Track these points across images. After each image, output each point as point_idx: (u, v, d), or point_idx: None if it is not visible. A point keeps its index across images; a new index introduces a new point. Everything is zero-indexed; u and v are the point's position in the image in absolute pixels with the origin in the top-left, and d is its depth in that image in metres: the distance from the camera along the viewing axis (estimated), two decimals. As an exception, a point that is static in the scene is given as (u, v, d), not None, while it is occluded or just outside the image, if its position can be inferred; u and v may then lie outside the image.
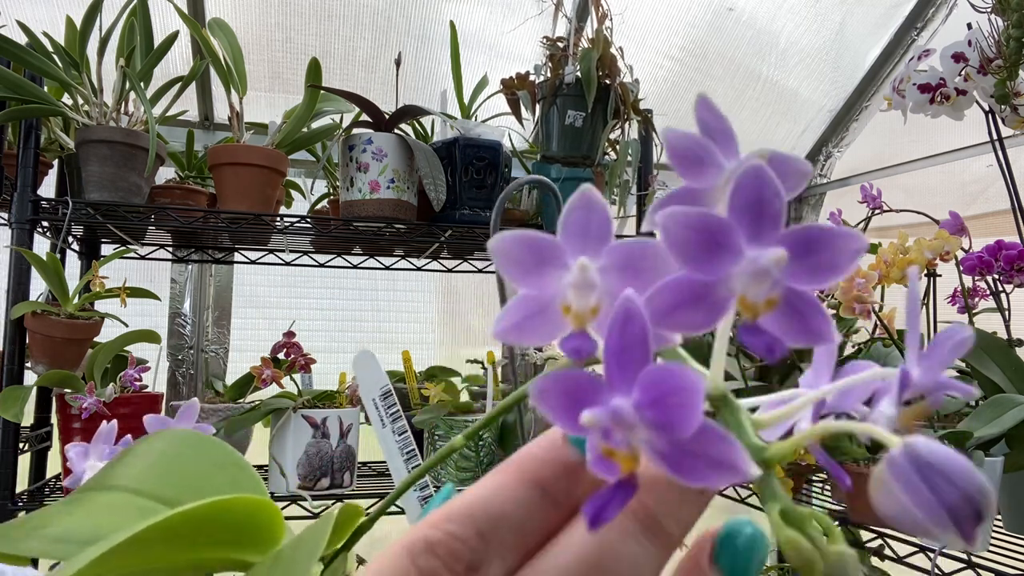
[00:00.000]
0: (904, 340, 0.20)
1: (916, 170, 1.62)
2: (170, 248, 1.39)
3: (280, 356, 1.23)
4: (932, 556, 0.77)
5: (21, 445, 1.04)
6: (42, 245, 1.09)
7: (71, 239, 1.25)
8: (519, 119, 1.23)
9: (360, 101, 1.13)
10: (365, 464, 1.30)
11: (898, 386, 0.19)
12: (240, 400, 1.26)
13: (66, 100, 1.10)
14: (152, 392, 1.11)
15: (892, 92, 0.97)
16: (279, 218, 1.17)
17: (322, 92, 1.18)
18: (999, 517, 0.87)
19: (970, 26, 0.89)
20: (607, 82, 1.13)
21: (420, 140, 1.21)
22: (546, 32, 1.21)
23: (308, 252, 1.36)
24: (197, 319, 1.57)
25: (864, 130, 1.79)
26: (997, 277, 0.90)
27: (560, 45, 1.15)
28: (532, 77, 1.18)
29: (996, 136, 0.92)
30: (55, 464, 1.23)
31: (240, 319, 1.62)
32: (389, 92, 1.29)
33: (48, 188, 1.21)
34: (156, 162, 1.06)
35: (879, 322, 0.91)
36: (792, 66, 1.72)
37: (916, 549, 0.83)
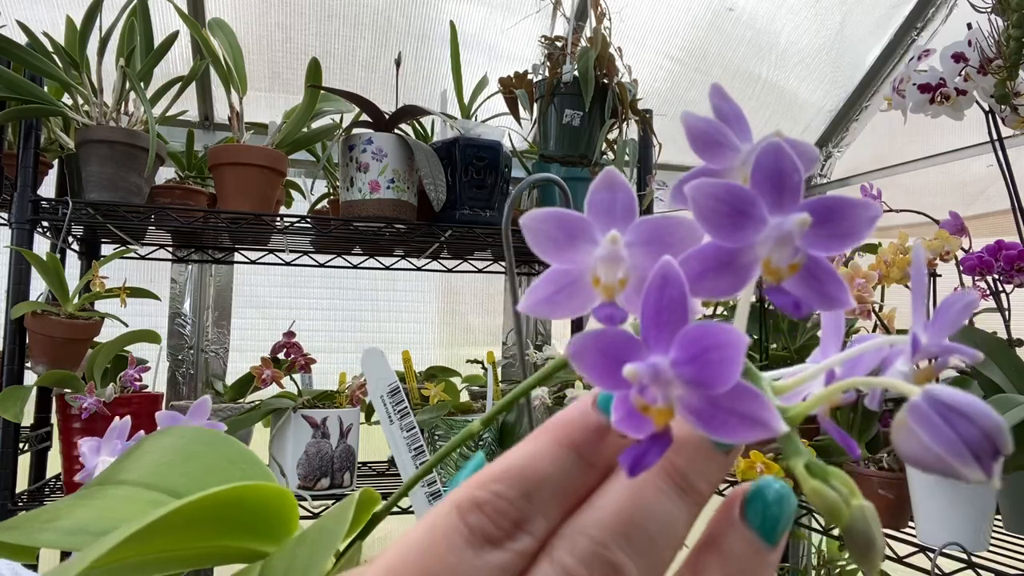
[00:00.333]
0: (911, 309, 0.21)
1: (916, 170, 1.63)
2: (170, 248, 1.39)
3: (280, 356, 1.23)
4: (932, 556, 0.77)
5: (21, 445, 1.04)
6: (42, 245, 1.09)
7: (71, 239, 1.25)
8: (517, 118, 1.23)
9: (360, 101, 1.13)
10: (365, 464, 1.30)
11: (911, 345, 0.20)
12: (240, 400, 1.26)
13: (66, 100, 1.10)
14: (152, 392, 1.11)
15: (892, 92, 0.97)
16: (279, 218, 1.17)
17: (322, 92, 1.18)
18: (999, 517, 0.87)
19: (970, 26, 0.89)
20: (605, 82, 1.13)
21: (420, 140, 1.21)
22: (545, 32, 1.21)
23: (308, 252, 1.36)
24: (197, 319, 1.57)
25: (864, 130, 1.79)
26: (997, 277, 0.90)
27: (558, 44, 1.15)
28: (530, 76, 1.18)
29: (996, 136, 0.92)
30: (55, 464, 1.23)
31: (240, 319, 1.62)
32: (389, 92, 1.29)
33: (48, 188, 1.21)
34: (156, 162, 1.06)
35: (879, 322, 0.91)
36: (792, 66, 1.72)
37: (916, 549, 0.83)
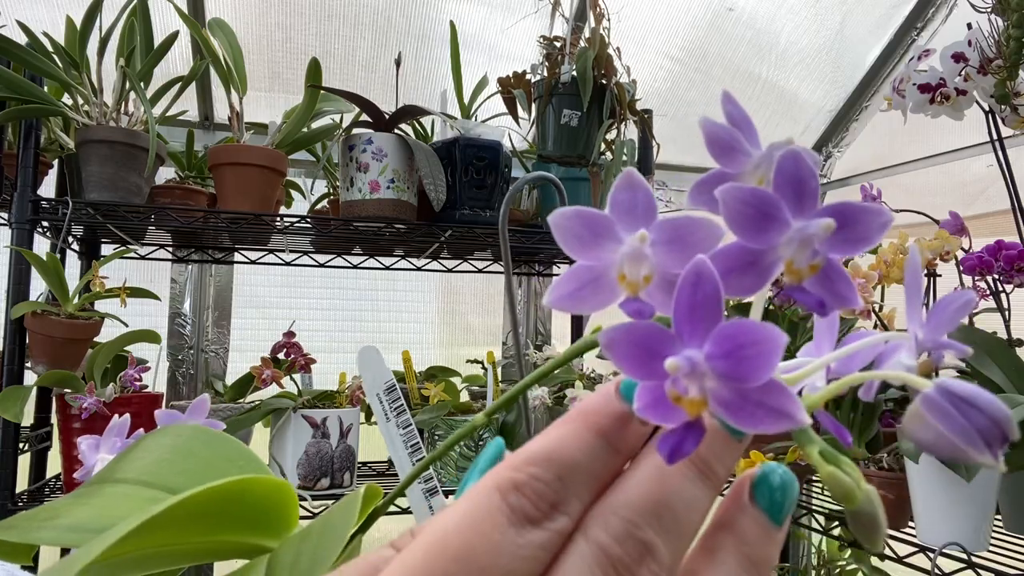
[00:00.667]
0: (906, 307, 0.22)
1: (916, 170, 1.63)
2: (170, 248, 1.39)
3: (280, 356, 1.23)
4: (932, 556, 0.77)
5: (21, 445, 1.04)
6: (42, 245, 1.09)
7: (71, 239, 1.25)
8: (515, 118, 1.23)
9: (360, 101, 1.13)
10: (365, 464, 1.30)
11: (914, 341, 0.21)
12: (240, 400, 1.26)
13: (66, 100, 1.10)
14: (152, 392, 1.11)
15: (892, 92, 0.97)
16: (279, 218, 1.17)
17: (322, 92, 1.18)
18: (999, 517, 0.87)
19: (970, 26, 0.89)
20: (603, 82, 1.13)
21: (420, 140, 1.21)
22: (545, 32, 1.21)
23: (308, 252, 1.36)
24: (197, 319, 1.57)
25: (864, 130, 1.79)
26: (997, 277, 0.90)
27: (557, 44, 1.15)
28: (528, 76, 1.18)
29: (996, 136, 0.92)
30: (55, 464, 1.23)
31: (240, 319, 1.62)
32: (389, 92, 1.29)
33: (48, 188, 1.21)
34: (156, 162, 1.06)
35: (879, 322, 0.91)
36: (792, 66, 1.72)
37: (916, 549, 0.83)
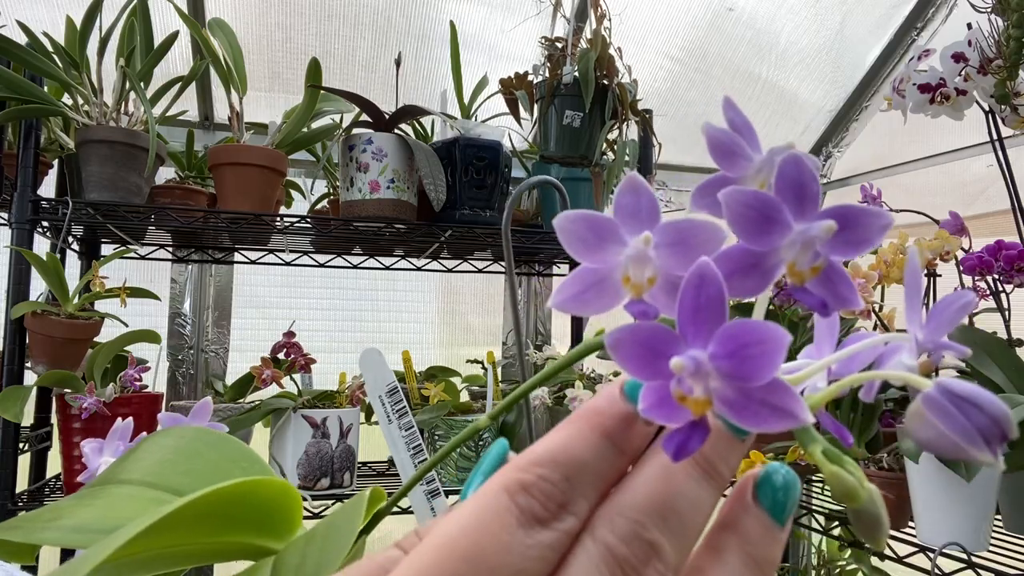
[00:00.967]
0: (905, 307, 0.22)
1: (916, 170, 1.63)
2: (170, 248, 1.39)
3: (280, 356, 1.23)
4: (932, 556, 0.77)
5: (21, 445, 1.04)
6: (42, 245, 1.09)
7: (71, 239, 1.25)
8: (517, 119, 1.23)
9: (360, 101, 1.13)
10: (365, 464, 1.30)
11: (914, 342, 0.22)
12: (240, 400, 1.26)
13: (66, 100, 1.10)
14: (152, 392, 1.11)
15: (892, 92, 0.97)
16: (279, 218, 1.17)
17: (322, 92, 1.18)
18: (999, 517, 0.87)
19: (970, 26, 0.89)
20: (605, 82, 1.13)
21: (420, 140, 1.21)
22: (546, 32, 1.21)
23: (308, 252, 1.36)
24: (197, 319, 1.57)
25: (864, 130, 1.79)
26: (997, 277, 0.90)
27: (559, 45, 1.15)
28: (530, 77, 1.18)
29: (996, 136, 0.92)
30: (55, 464, 1.23)
31: (240, 319, 1.62)
32: (389, 92, 1.29)
33: (48, 188, 1.21)
34: (156, 162, 1.06)
35: (879, 322, 0.91)
36: (792, 66, 1.72)
37: (916, 549, 0.83)
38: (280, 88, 1.62)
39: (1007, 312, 0.92)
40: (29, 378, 1.05)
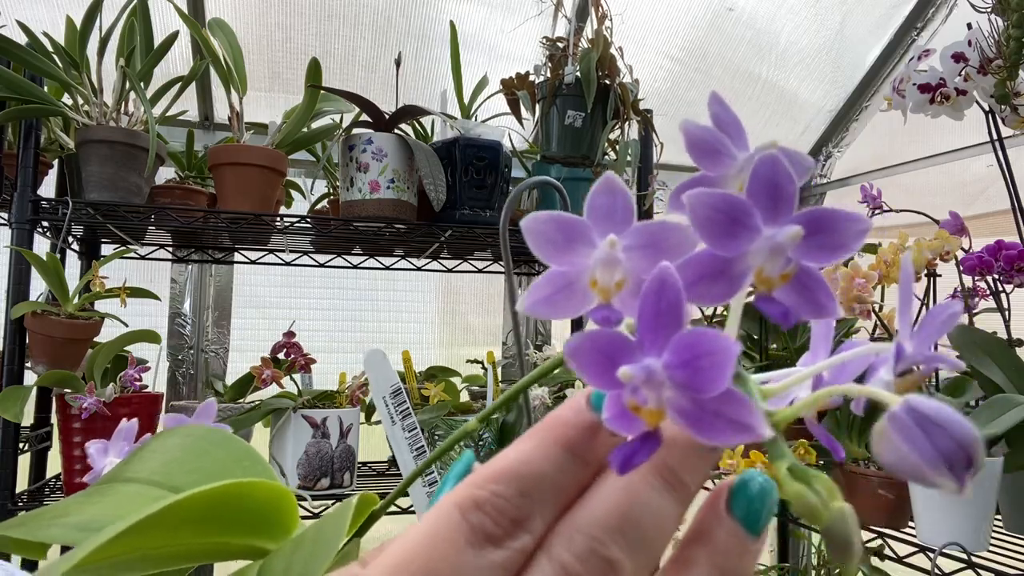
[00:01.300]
0: (897, 316, 0.21)
1: (916, 170, 1.63)
2: (170, 248, 1.39)
3: (280, 356, 1.23)
4: (932, 556, 0.77)
5: (21, 445, 1.04)
6: (42, 245, 1.09)
7: (71, 239, 1.25)
8: (519, 119, 1.23)
9: (360, 101, 1.13)
10: (365, 464, 1.30)
11: (894, 356, 0.20)
12: (240, 400, 1.26)
13: (66, 100, 1.10)
14: (152, 392, 1.11)
15: (892, 92, 0.97)
16: (279, 218, 1.17)
17: (322, 92, 1.18)
18: (999, 517, 0.87)
19: (970, 26, 0.89)
20: (607, 82, 1.13)
21: (420, 140, 1.21)
22: (546, 32, 1.21)
23: (308, 252, 1.36)
24: (197, 319, 1.57)
25: (864, 130, 1.79)
26: (997, 277, 0.90)
27: (560, 45, 1.15)
28: (532, 77, 1.18)
29: (996, 136, 0.92)
30: (55, 464, 1.23)
31: (240, 319, 1.62)
32: (389, 92, 1.29)
33: (48, 188, 1.21)
34: (156, 162, 1.06)
35: (879, 322, 0.91)
36: (792, 66, 1.72)
37: (916, 549, 0.83)
38: (280, 88, 1.62)
39: (1007, 312, 0.92)
40: (29, 378, 1.05)
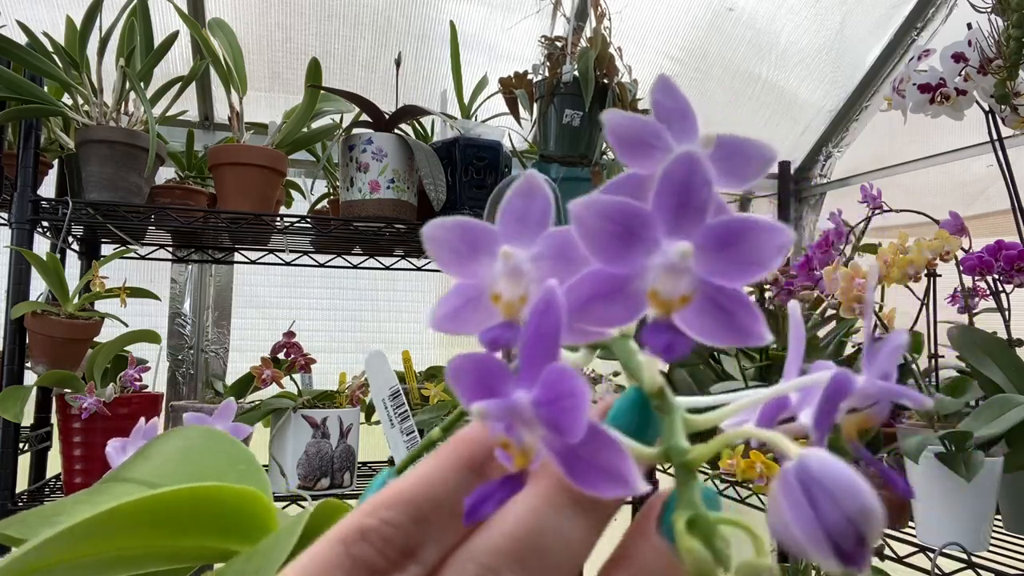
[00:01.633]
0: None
1: (916, 170, 1.62)
2: (170, 248, 1.39)
3: (280, 356, 1.23)
4: (932, 556, 0.77)
5: (21, 445, 1.04)
6: (42, 245, 1.09)
7: (71, 239, 1.25)
8: (517, 119, 1.23)
9: (360, 101, 1.13)
10: (365, 464, 1.30)
11: (825, 393, 0.17)
12: (240, 400, 1.26)
13: (66, 100, 1.10)
14: (152, 392, 1.11)
15: (892, 92, 0.97)
16: (279, 218, 1.17)
17: (322, 92, 1.18)
18: (999, 517, 0.87)
19: (970, 26, 0.89)
20: (605, 82, 1.13)
21: (420, 140, 1.21)
22: (546, 32, 1.21)
23: (308, 252, 1.36)
24: (197, 319, 1.57)
25: (864, 130, 1.79)
26: (997, 277, 0.90)
27: (558, 44, 1.15)
28: (530, 76, 1.18)
29: (996, 136, 0.92)
30: (55, 464, 1.23)
31: (240, 319, 1.62)
32: (389, 92, 1.29)
33: (48, 188, 1.21)
34: (156, 162, 1.06)
35: (879, 322, 0.91)
36: (792, 66, 1.72)
37: (916, 549, 0.83)
38: (280, 88, 1.62)
39: (1007, 312, 0.92)
40: (29, 378, 1.05)
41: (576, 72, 1.10)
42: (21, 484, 1.06)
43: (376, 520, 0.17)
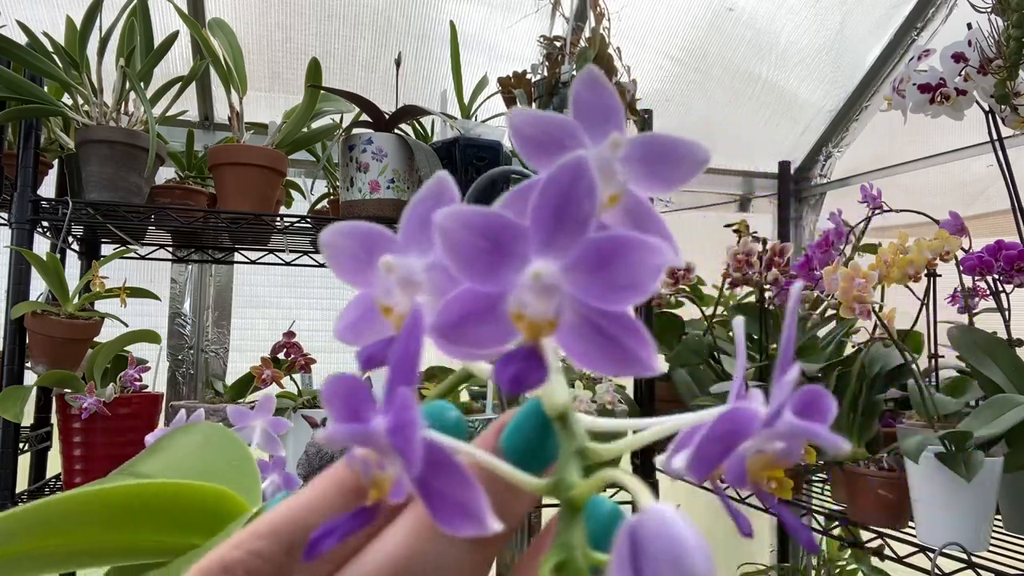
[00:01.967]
0: (775, 367, 0.16)
1: (916, 170, 1.63)
2: (170, 248, 1.39)
3: (280, 356, 1.23)
4: (932, 556, 0.77)
5: (21, 445, 1.04)
6: (42, 245, 1.09)
7: (71, 239, 1.25)
8: (518, 119, 1.23)
9: (360, 101, 1.13)
10: (365, 464, 1.30)
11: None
12: (240, 400, 1.26)
13: (66, 100, 1.10)
14: (152, 392, 1.11)
15: (892, 92, 0.97)
16: (279, 218, 1.17)
17: (322, 92, 1.18)
18: (999, 517, 0.87)
19: (970, 26, 0.89)
20: (607, 82, 1.13)
21: (420, 140, 1.21)
22: (545, 31, 1.21)
23: (308, 252, 1.36)
24: (197, 319, 1.57)
25: (864, 130, 1.79)
26: (997, 277, 0.90)
27: (557, 44, 1.15)
28: (529, 76, 1.18)
29: (996, 136, 0.92)
30: (55, 464, 1.23)
31: (240, 319, 1.62)
32: (389, 92, 1.29)
33: (48, 188, 1.21)
34: (156, 162, 1.06)
35: (879, 322, 0.91)
36: (792, 66, 1.72)
37: (916, 549, 0.83)
38: (280, 88, 1.62)
39: (1007, 312, 0.92)
40: (29, 378, 1.05)
41: (575, 72, 1.10)
42: (21, 484, 1.06)
43: (242, 552, 0.16)
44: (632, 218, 0.18)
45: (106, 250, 1.37)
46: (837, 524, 0.98)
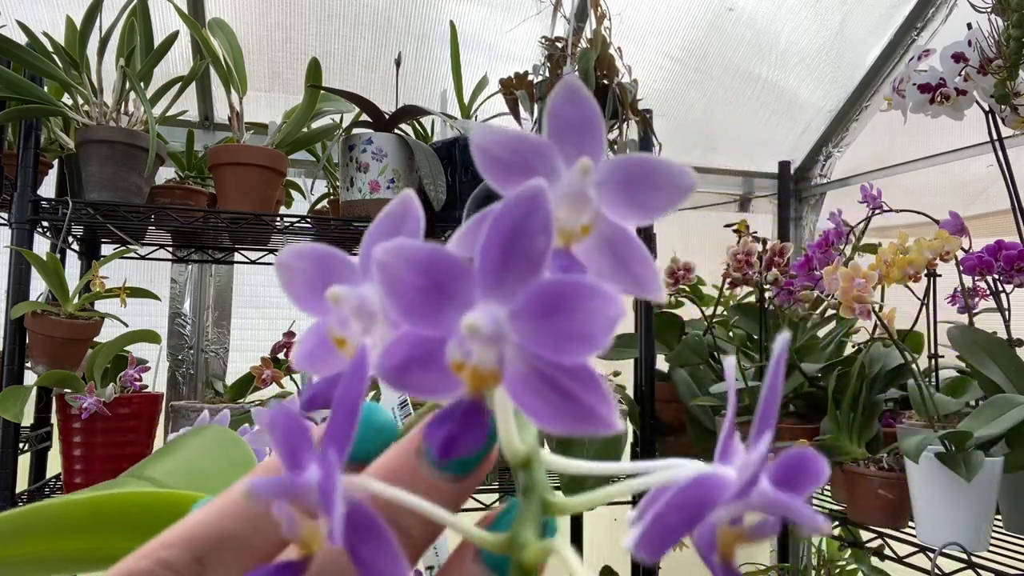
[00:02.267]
0: (753, 421, 0.14)
1: (916, 170, 1.63)
2: (170, 248, 1.39)
3: (280, 356, 1.23)
4: (932, 556, 0.77)
5: (21, 445, 1.04)
6: (42, 245, 1.09)
7: (71, 239, 1.25)
8: (517, 119, 1.23)
9: (360, 101, 1.13)
10: (365, 464, 1.30)
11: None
12: (240, 400, 1.26)
13: (66, 100, 1.10)
14: (152, 392, 1.11)
15: (892, 92, 0.97)
16: (279, 218, 1.17)
17: (322, 92, 1.18)
18: (999, 517, 0.87)
19: (970, 26, 0.89)
20: (605, 82, 1.13)
21: (420, 140, 1.21)
22: (546, 32, 1.21)
23: (308, 252, 1.36)
24: (197, 319, 1.57)
25: (864, 130, 1.79)
26: (997, 277, 0.90)
27: (559, 45, 1.15)
28: (530, 77, 1.18)
29: (996, 136, 0.92)
30: (55, 464, 1.23)
31: (240, 319, 1.62)
32: (389, 92, 1.29)
33: (48, 188, 1.21)
34: (156, 162, 1.06)
35: (879, 322, 0.91)
36: (792, 66, 1.72)
37: (916, 549, 0.83)
38: (280, 88, 1.62)
39: (1007, 312, 0.92)
40: (29, 378, 1.05)
41: (576, 73, 1.10)
42: (21, 484, 1.06)
43: (150, 562, 0.15)
44: (610, 247, 0.17)
45: (106, 250, 1.37)
46: (837, 524, 0.98)
